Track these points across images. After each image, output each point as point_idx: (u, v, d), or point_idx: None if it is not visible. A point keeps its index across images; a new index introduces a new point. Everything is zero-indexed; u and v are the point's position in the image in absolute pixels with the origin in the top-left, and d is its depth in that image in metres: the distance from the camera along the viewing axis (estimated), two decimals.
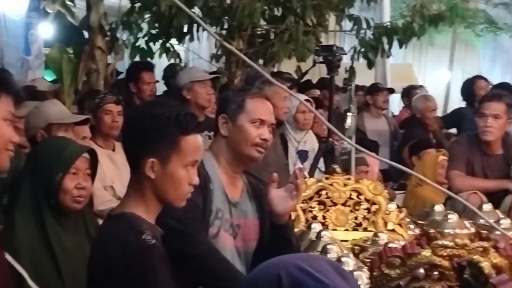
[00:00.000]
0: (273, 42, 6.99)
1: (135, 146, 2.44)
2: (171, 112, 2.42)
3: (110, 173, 4.77)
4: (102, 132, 4.84)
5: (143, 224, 2.37)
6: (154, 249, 2.31)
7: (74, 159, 3.01)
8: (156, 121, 2.40)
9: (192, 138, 2.44)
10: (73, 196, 2.98)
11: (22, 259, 2.81)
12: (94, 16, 6.48)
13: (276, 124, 5.17)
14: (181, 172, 2.42)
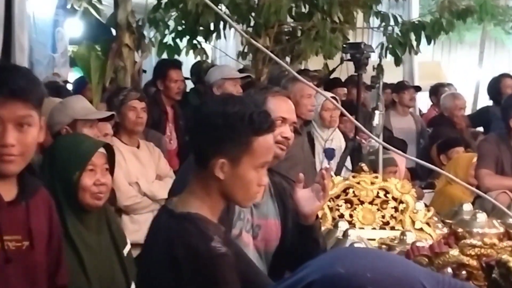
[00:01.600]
0: (299, 39, 6.96)
1: (205, 144, 2.35)
2: (244, 111, 2.33)
3: (134, 169, 4.77)
4: (127, 128, 4.85)
5: (210, 226, 2.32)
6: (225, 258, 2.25)
7: (90, 156, 2.97)
8: (229, 120, 2.31)
9: (264, 139, 2.37)
10: (92, 193, 2.95)
11: None
12: (121, 14, 6.49)
13: (304, 123, 5.16)
14: (252, 173, 2.35)
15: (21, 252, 2.30)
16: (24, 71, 2.31)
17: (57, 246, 2.50)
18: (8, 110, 2.19)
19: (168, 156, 5.43)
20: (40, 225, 2.39)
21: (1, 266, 2.25)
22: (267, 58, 6.67)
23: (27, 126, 2.23)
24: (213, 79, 5.79)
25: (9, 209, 2.29)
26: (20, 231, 2.31)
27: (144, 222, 4.59)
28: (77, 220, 2.93)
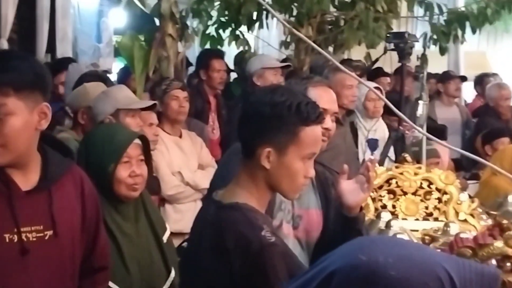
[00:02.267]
0: (342, 29, 6.92)
1: (252, 133, 2.36)
2: (292, 101, 2.33)
3: (177, 159, 4.80)
4: (169, 118, 4.88)
5: (258, 216, 2.33)
6: (275, 247, 2.26)
7: (125, 148, 2.97)
8: (276, 109, 2.32)
9: (312, 129, 2.37)
10: (128, 185, 2.95)
11: None
12: (165, 4, 6.52)
13: (346, 113, 5.14)
14: (298, 164, 2.35)
15: (43, 242, 2.26)
16: (0, 59, 2.21)
17: (93, 224, 2.47)
18: None
19: (210, 145, 5.45)
20: (67, 209, 2.35)
21: (19, 259, 2.21)
22: (309, 48, 6.64)
23: (4, 115, 2.14)
24: (253, 69, 5.79)
25: (28, 199, 2.25)
26: (42, 220, 2.27)
27: (186, 212, 4.62)
28: (114, 209, 2.94)
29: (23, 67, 2.17)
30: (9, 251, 2.20)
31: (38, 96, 2.21)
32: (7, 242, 2.20)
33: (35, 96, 2.20)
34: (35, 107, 2.19)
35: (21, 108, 2.15)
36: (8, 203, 2.20)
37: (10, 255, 2.20)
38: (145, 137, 3.10)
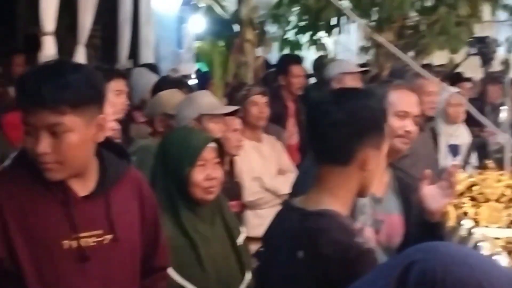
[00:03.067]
0: (423, 33, 6.84)
1: (349, 138, 2.32)
2: (380, 101, 2.38)
3: (257, 164, 4.81)
4: (249, 123, 4.90)
5: (348, 222, 2.33)
6: (371, 254, 2.24)
7: (200, 151, 2.97)
8: (376, 112, 2.33)
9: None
10: (203, 188, 2.96)
11: None
12: (244, 10, 6.58)
13: (426, 118, 5.07)
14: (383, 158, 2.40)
15: (103, 247, 2.24)
16: (54, 75, 2.12)
17: (152, 226, 2.46)
18: (38, 118, 2.09)
19: (289, 151, 5.45)
20: (126, 213, 2.33)
21: (78, 266, 2.20)
22: (389, 53, 6.58)
23: (61, 133, 2.11)
24: (332, 74, 5.77)
25: (86, 204, 2.23)
26: (101, 225, 2.25)
27: (266, 217, 4.58)
28: (191, 212, 2.96)
29: (79, 82, 2.12)
30: (68, 258, 2.18)
31: (94, 109, 2.18)
32: (66, 249, 2.18)
33: (91, 110, 2.17)
34: (92, 120, 2.17)
35: (78, 124, 2.13)
36: (65, 209, 2.19)
37: (69, 261, 2.18)
38: (221, 141, 3.12)
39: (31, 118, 2.10)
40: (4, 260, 2.13)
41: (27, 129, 2.13)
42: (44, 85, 2.07)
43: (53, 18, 5.52)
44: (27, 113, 2.11)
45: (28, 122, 2.11)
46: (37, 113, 2.08)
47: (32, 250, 2.14)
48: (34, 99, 2.08)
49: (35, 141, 2.10)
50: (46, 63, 2.24)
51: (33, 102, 2.08)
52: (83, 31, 6.20)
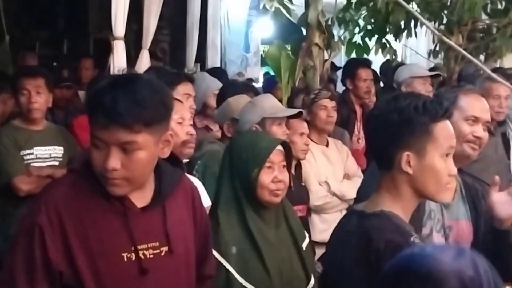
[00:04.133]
0: (494, 37, 6.71)
1: (386, 142, 2.36)
2: (417, 102, 2.34)
3: (324, 169, 4.80)
4: (317, 127, 4.89)
5: (404, 223, 2.32)
6: None
7: (268, 154, 2.97)
8: (404, 113, 2.32)
9: (443, 124, 2.36)
10: (270, 190, 2.96)
11: (229, 255, 2.85)
12: (312, 13, 6.56)
13: (498, 123, 4.97)
14: (439, 162, 2.34)
15: (160, 259, 2.22)
16: (130, 92, 2.09)
17: (203, 234, 2.46)
18: (111, 134, 2.07)
19: (356, 155, 5.42)
20: (180, 223, 2.31)
21: (137, 278, 2.17)
22: (459, 56, 6.49)
23: (132, 150, 2.10)
24: (401, 78, 5.72)
25: (144, 216, 2.21)
26: (158, 236, 2.22)
27: (332, 222, 4.57)
28: (256, 215, 2.96)
29: (154, 100, 2.11)
30: (128, 270, 2.16)
31: (164, 126, 2.18)
32: (125, 261, 2.16)
33: (162, 127, 2.16)
34: (161, 137, 2.17)
35: (149, 142, 2.12)
36: (124, 222, 2.17)
37: (129, 274, 2.16)
38: (287, 144, 3.13)
39: (103, 133, 2.07)
40: (65, 274, 2.11)
41: (97, 143, 2.10)
42: (121, 102, 2.04)
43: (123, 23, 5.61)
44: (99, 128, 2.08)
45: (99, 136, 2.09)
46: (111, 129, 2.06)
47: (92, 263, 2.12)
48: (110, 115, 2.04)
49: (105, 156, 2.08)
50: (120, 76, 2.20)
51: (109, 118, 2.05)
52: (147, 35, 6.28)
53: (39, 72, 4.54)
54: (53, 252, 2.09)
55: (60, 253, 2.10)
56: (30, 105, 4.36)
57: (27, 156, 4.34)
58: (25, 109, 4.37)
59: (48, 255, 2.09)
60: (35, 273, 2.09)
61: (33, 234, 2.09)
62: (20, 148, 4.32)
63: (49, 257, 2.09)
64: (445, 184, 2.36)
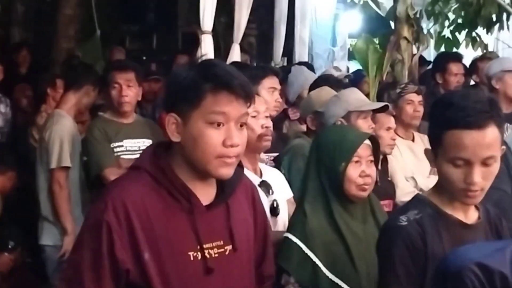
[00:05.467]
0: None
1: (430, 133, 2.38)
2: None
3: (410, 164, 4.73)
4: (403, 122, 4.82)
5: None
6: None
7: (356, 148, 2.95)
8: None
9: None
10: (357, 185, 2.93)
11: (316, 247, 2.83)
12: (401, 6, 6.47)
13: None
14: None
15: (224, 258, 2.17)
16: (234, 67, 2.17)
17: (262, 232, 2.41)
18: (234, 108, 2.08)
19: None
20: (242, 221, 2.27)
21: (202, 278, 2.13)
22: None
23: (244, 125, 2.13)
24: (492, 72, 5.57)
25: (208, 214, 2.16)
26: (222, 235, 2.18)
27: None
28: (343, 209, 2.94)
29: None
30: (194, 270, 2.12)
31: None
32: (192, 261, 2.12)
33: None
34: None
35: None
36: (191, 220, 2.12)
37: (194, 273, 2.12)
38: (375, 138, 3.09)
39: (230, 108, 2.07)
40: (132, 272, 2.07)
41: (217, 120, 2.07)
42: (239, 75, 2.11)
43: (211, 17, 5.67)
44: (225, 104, 2.07)
45: (225, 111, 2.07)
46: (234, 103, 2.08)
47: (159, 262, 2.09)
48: (235, 87, 2.07)
49: (226, 134, 2.07)
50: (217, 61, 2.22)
51: (235, 91, 2.07)
52: (238, 30, 6.33)
53: (130, 65, 4.62)
54: (120, 250, 2.05)
55: (127, 251, 2.06)
56: (121, 98, 4.44)
57: (117, 148, 4.43)
58: (116, 102, 4.46)
59: (115, 252, 2.05)
60: (101, 270, 2.06)
61: (101, 231, 2.05)
62: (110, 140, 4.42)
63: (116, 254, 2.05)
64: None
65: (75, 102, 4.69)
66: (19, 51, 7.89)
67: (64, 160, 4.49)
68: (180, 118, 2.09)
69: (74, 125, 4.65)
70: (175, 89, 2.12)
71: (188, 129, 2.08)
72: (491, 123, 2.18)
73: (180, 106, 2.09)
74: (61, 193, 4.48)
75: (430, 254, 2.27)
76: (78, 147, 4.58)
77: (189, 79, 2.08)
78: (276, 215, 3.30)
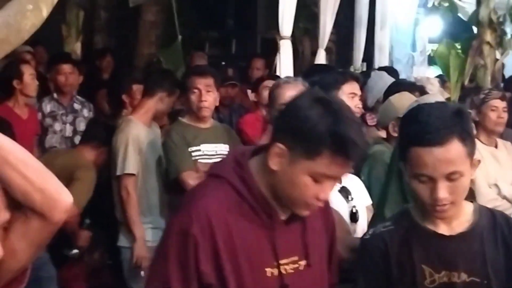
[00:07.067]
0: None
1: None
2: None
3: (493, 171, 4.63)
4: (486, 128, 4.72)
5: None
6: None
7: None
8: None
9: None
10: None
11: None
12: (483, 11, 6.37)
13: None
14: None
15: (298, 273, 2.13)
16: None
17: (331, 241, 2.33)
18: (343, 170, 2.03)
19: None
20: (316, 234, 2.21)
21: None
22: None
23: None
24: None
25: (285, 228, 2.11)
26: (297, 250, 2.13)
27: None
28: None
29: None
30: (270, 286, 2.08)
31: None
32: (269, 277, 2.08)
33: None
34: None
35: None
36: (269, 235, 2.08)
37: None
38: None
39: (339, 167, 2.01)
40: (213, 287, 2.04)
41: (322, 180, 2.02)
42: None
43: (290, 22, 5.67)
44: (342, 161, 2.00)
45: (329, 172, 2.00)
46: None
47: (239, 277, 2.05)
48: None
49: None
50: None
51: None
52: (323, 35, 6.32)
53: (209, 71, 4.66)
54: (205, 264, 2.03)
55: (210, 265, 2.03)
56: (200, 103, 4.47)
57: (194, 153, 4.46)
58: (196, 107, 4.48)
59: (200, 266, 2.03)
60: (190, 284, 2.04)
61: (187, 244, 2.03)
62: (188, 145, 4.45)
63: (200, 269, 2.03)
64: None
65: (149, 108, 4.73)
66: (103, 57, 8.06)
67: (128, 167, 4.51)
68: (288, 155, 2.01)
69: (145, 131, 4.66)
70: (294, 126, 2.02)
71: (290, 169, 2.02)
72: (453, 139, 2.13)
73: (292, 146, 2.00)
74: (128, 200, 4.51)
75: (395, 265, 2.25)
76: (153, 153, 4.62)
77: (313, 126, 1.98)
78: (355, 221, 3.26)
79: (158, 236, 4.45)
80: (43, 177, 1.66)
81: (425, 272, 2.23)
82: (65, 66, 5.96)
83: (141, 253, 4.47)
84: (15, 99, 5.32)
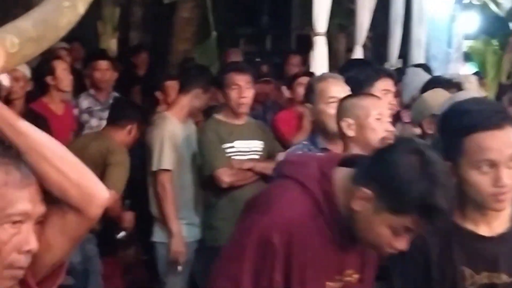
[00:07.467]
0: None
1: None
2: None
3: None
4: None
5: None
6: None
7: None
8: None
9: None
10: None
11: None
12: None
13: None
14: None
15: (350, 286, 2.16)
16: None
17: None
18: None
19: None
20: (373, 252, 2.20)
21: None
22: None
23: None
24: None
25: (351, 243, 2.11)
26: (354, 264, 2.16)
27: None
28: None
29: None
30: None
31: None
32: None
33: None
34: None
35: None
36: (337, 251, 2.10)
37: None
38: None
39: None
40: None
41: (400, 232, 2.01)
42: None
43: (325, 19, 5.65)
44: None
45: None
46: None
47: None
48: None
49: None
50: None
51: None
52: (361, 31, 6.28)
53: (247, 68, 4.67)
54: (278, 274, 2.05)
55: (282, 275, 2.06)
56: (240, 99, 4.46)
57: (228, 149, 4.46)
58: (235, 103, 4.46)
59: (273, 275, 2.05)
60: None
61: (267, 252, 2.05)
62: (222, 141, 4.45)
63: (273, 277, 2.05)
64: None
65: (184, 105, 4.73)
66: (138, 54, 8.11)
67: (163, 163, 4.52)
68: (373, 201, 2.01)
69: (181, 127, 4.67)
70: (386, 179, 1.99)
71: (372, 216, 2.02)
72: (508, 123, 2.14)
73: (380, 196, 1.99)
74: (164, 195, 4.52)
75: (435, 266, 2.22)
76: (188, 149, 4.63)
77: (407, 190, 1.96)
78: None
79: (192, 232, 4.56)
80: (80, 172, 1.67)
81: (465, 273, 2.21)
82: (102, 63, 6.02)
83: (178, 248, 4.49)
84: (50, 95, 5.34)
